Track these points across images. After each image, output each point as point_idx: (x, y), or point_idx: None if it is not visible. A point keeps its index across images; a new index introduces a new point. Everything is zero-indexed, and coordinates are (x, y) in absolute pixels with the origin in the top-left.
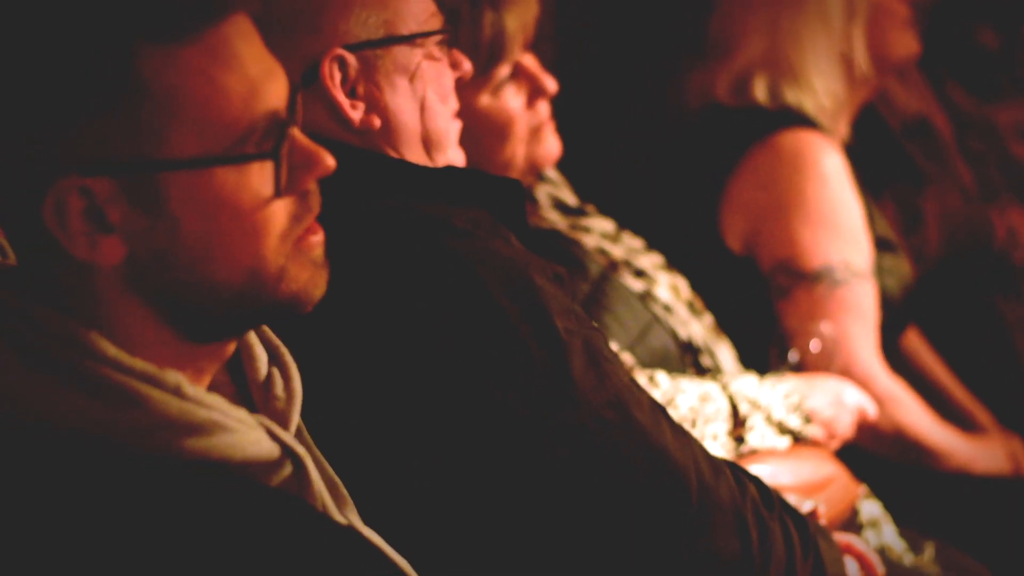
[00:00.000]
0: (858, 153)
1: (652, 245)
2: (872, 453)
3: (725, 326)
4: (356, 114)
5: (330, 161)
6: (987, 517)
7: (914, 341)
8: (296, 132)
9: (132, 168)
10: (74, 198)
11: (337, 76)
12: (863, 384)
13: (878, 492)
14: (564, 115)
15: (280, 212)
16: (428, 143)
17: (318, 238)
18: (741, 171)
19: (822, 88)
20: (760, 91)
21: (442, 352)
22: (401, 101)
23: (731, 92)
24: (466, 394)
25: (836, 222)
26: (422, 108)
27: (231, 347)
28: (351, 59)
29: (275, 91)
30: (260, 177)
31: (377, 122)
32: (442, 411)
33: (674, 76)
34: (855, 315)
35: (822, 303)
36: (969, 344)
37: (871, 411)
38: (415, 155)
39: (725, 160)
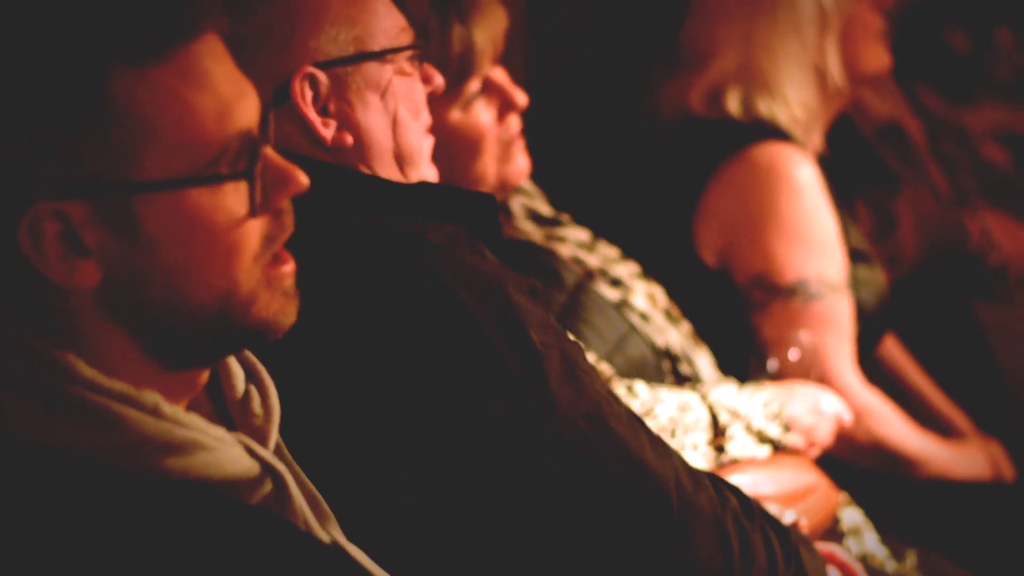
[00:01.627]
0: (831, 159)
1: (627, 254)
2: (852, 464)
3: (703, 334)
4: (328, 132)
5: (303, 179)
6: (968, 523)
7: (891, 347)
8: (269, 151)
9: (106, 191)
10: (49, 222)
11: (308, 94)
12: (840, 397)
13: (859, 499)
14: (537, 125)
15: (254, 232)
16: (401, 159)
17: (288, 268)
18: (715, 185)
19: (795, 100)
20: (733, 103)
21: (419, 369)
22: (373, 117)
23: (704, 103)
24: (445, 410)
25: (810, 236)
26: (394, 124)
27: (205, 375)
28: (322, 76)
29: (247, 110)
30: (234, 197)
31: (349, 139)
32: (422, 427)
33: (647, 86)
34: (831, 328)
35: (798, 317)
36: (946, 348)
37: (847, 419)
38: (388, 171)
39: (698, 174)
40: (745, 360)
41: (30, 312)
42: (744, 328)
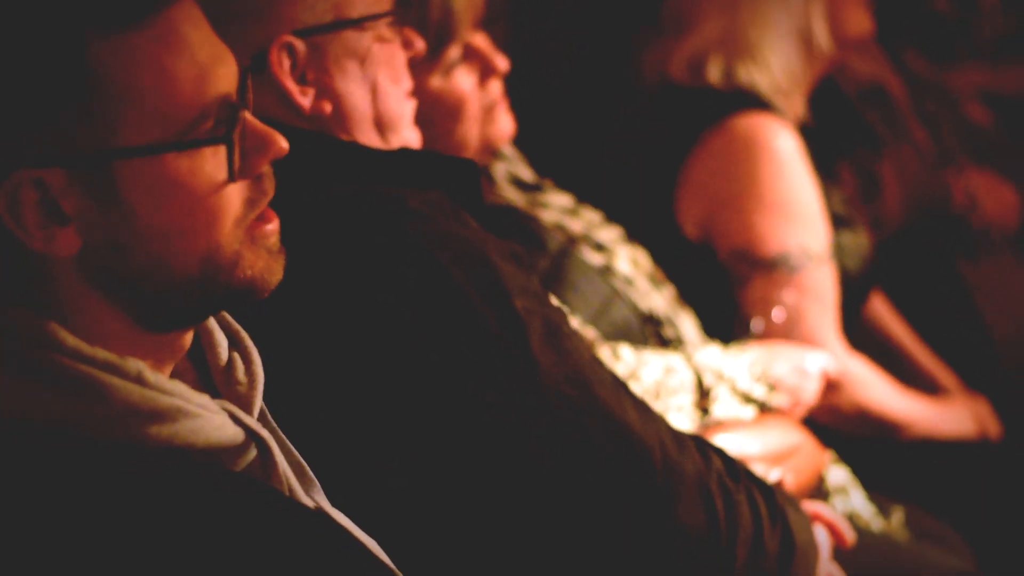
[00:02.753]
0: (815, 123)
1: (610, 218)
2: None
3: (687, 297)
4: (306, 100)
5: (283, 143)
6: (954, 480)
7: (877, 306)
8: (248, 115)
9: (85, 158)
10: (28, 190)
11: (286, 63)
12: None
13: (845, 458)
14: (520, 91)
15: (234, 196)
16: (381, 126)
17: (273, 226)
18: (696, 157)
19: (778, 66)
20: (715, 70)
21: (402, 336)
22: (352, 85)
23: (686, 71)
24: (428, 376)
25: (791, 207)
26: (374, 91)
27: (189, 337)
28: (300, 45)
29: (225, 75)
30: (213, 162)
31: (328, 108)
32: (406, 392)
33: (631, 52)
34: (814, 299)
35: (780, 289)
36: (932, 307)
37: (832, 370)
38: (368, 138)
39: (680, 145)
40: (729, 323)
41: (11, 281)
42: (727, 294)
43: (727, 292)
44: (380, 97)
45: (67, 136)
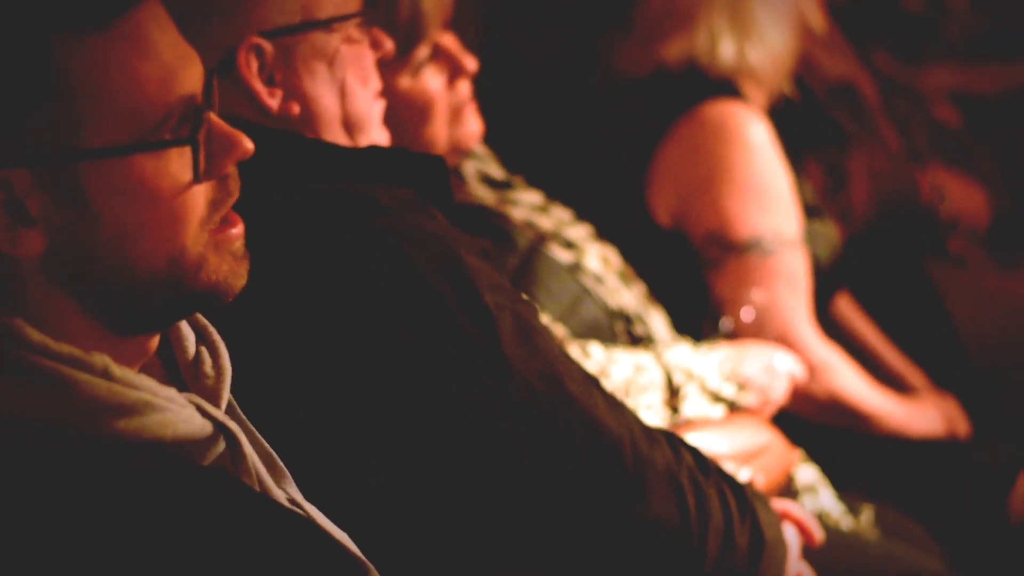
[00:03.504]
0: (783, 117)
1: (581, 216)
2: (808, 420)
3: (657, 295)
4: (274, 102)
5: (248, 144)
6: (923, 479)
7: (845, 305)
8: (213, 117)
9: (50, 159)
10: None
11: (254, 64)
12: (797, 352)
13: (814, 457)
14: (491, 89)
15: (200, 198)
16: (350, 126)
17: (238, 230)
18: (667, 145)
19: (778, 43)
20: (716, 52)
21: (372, 331)
22: (320, 86)
23: (676, 58)
24: (397, 372)
25: (764, 192)
26: (342, 92)
27: (156, 339)
28: (267, 46)
29: (191, 77)
30: (179, 163)
31: (296, 109)
32: (376, 387)
33: (600, 47)
34: (787, 283)
35: (753, 273)
36: (899, 304)
37: (801, 375)
38: (337, 139)
39: (651, 134)
40: (699, 321)
41: None
42: (698, 289)
43: (699, 286)
44: (348, 98)
45: (32, 137)
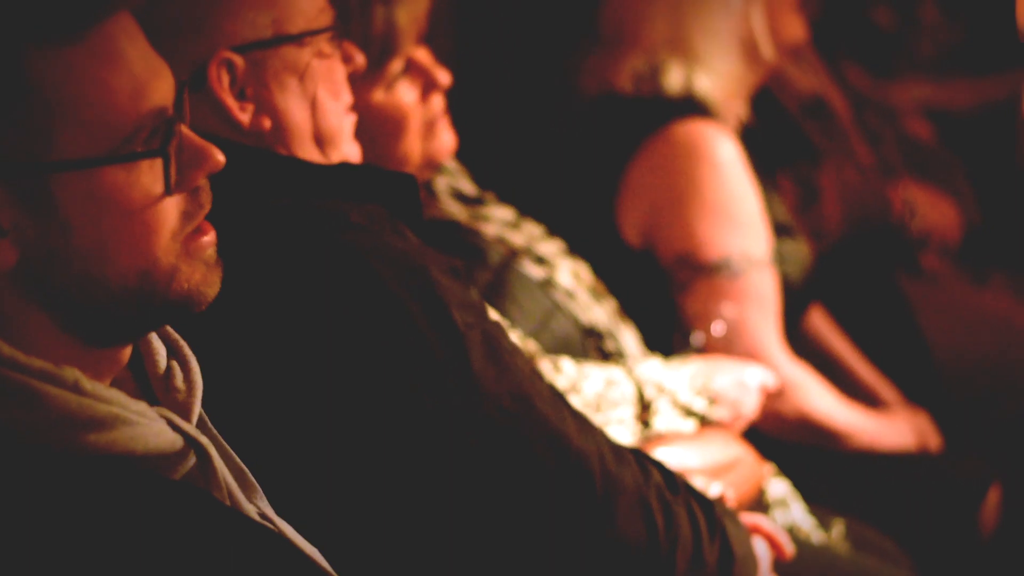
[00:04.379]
0: (755, 132)
1: (552, 232)
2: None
3: (628, 310)
4: (245, 116)
5: (219, 156)
6: (895, 493)
7: (817, 319)
8: (184, 129)
9: (21, 171)
10: None
11: (225, 79)
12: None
13: (785, 471)
14: (462, 104)
15: (171, 210)
16: (321, 141)
17: (209, 238)
18: (636, 164)
19: (724, 71)
20: (664, 76)
21: (340, 349)
22: (291, 101)
23: (633, 79)
24: (367, 390)
25: (733, 212)
26: (313, 106)
27: (128, 351)
28: (239, 60)
29: (162, 89)
30: (150, 175)
31: (267, 123)
32: (345, 407)
33: (571, 64)
34: (756, 304)
35: (722, 294)
36: (871, 319)
37: (773, 386)
38: (308, 153)
39: (620, 153)
40: (670, 336)
41: None
42: (668, 306)
43: (669, 303)
44: (320, 112)
45: (2, 149)
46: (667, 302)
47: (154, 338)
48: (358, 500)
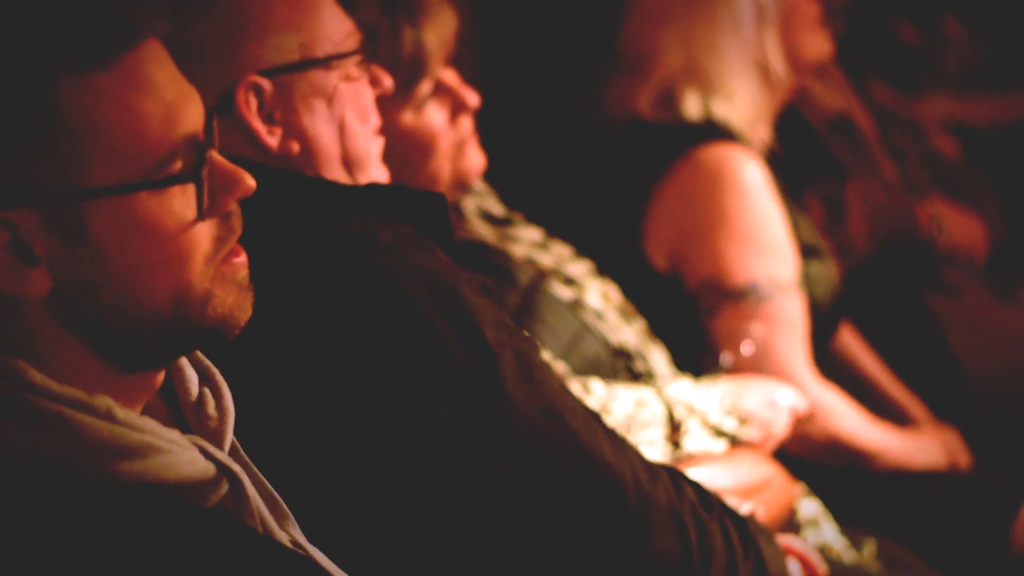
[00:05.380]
0: (780, 153)
1: (581, 252)
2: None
3: (657, 331)
4: (273, 140)
5: (250, 181)
6: (925, 512)
7: (846, 337)
8: (215, 154)
9: (54, 199)
10: None
11: (253, 103)
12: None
13: (816, 491)
14: (488, 125)
15: (203, 235)
16: (349, 164)
17: (242, 260)
18: (663, 189)
19: (742, 95)
20: (681, 104)
21: (374, 370)
22: (319, 124)
23: (650, 105)
24: (401, 410)
25: (759, 237)
26: (341, 130)
27: (161, 375)
28: (266, 84)
29: (192, 114)
30: (182, 201)
31: (296, 147)
32: (378, 428)
33: (595, 87)
34: (783, 328)
35: (749, 319)
36: (900, 336)
37: (803, 409)
38: (336, 177)
39: (646, 179)
40: (699, 357)
41: None
42: (697, 326)
43: (697, 324)
44: (348, 135)
45: (36, 176)
46: (695, 323)
47: (186, 365)
48: (389, 525)
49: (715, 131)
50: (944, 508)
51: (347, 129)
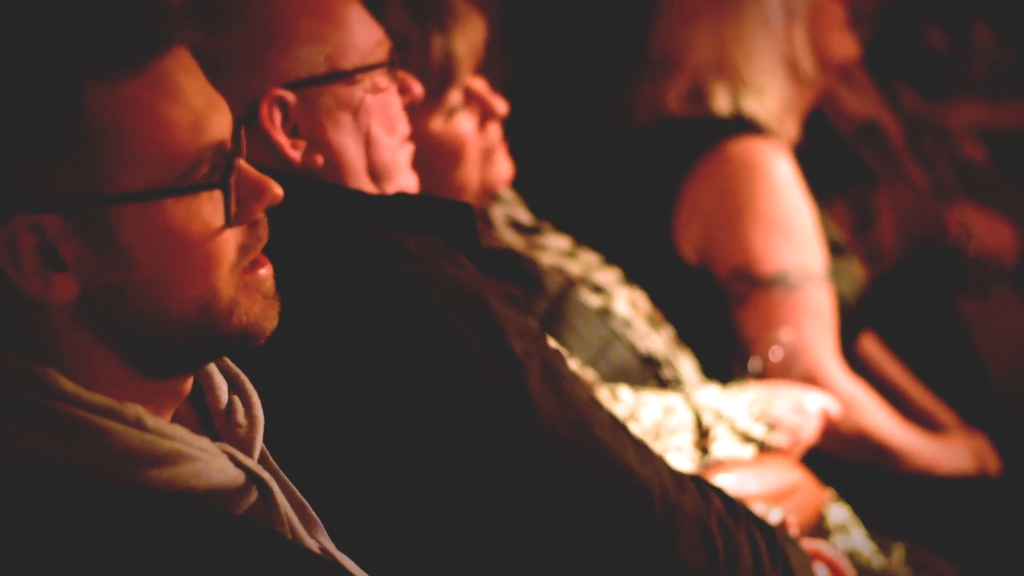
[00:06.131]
0: (808, 157)
1: (609, 260)
2: (837, 457)
3: (685, 337)
4: (296, 153)
5: (278, 190)
6: (954, 517)
7: (870, 345)
8: (243, 163)
9: (82, 203)
10: (26, 236)
11: (277, 117)
12: (824, 388)
13: (845, 496)
14: (516, 133)
15: (230, 242)
16: (375, 175)
17: (267, 271)
18: (692, 182)
19: (771, 91)
20: (712, 99)
21: (399, 378)
22: (344, 137)
23: (681, 102)
24: (427, 419)
25: (789, 227)
26: (367, 142)
27: (189, 383)
28: (291, 97)
29: (220, 122)
30: (209, 207)
31: (320, 160)
32: (405, 436)
33: (622, 89)
34: (812, 318)
35: (779, 308)
36: (928, 342)
37: (834, 410)
38: (362, 188)
39: (676, 172)
40: (728, 363)
41: (9, 329)
42: (726, 329)
43: (727, 327)
44: (373, 147)
45: (65, 181)
46: (725, 326)
47: (215, 372)
48: (417, 532)
49: (745, 125)
50: (972, 513)
51: (373, 141)
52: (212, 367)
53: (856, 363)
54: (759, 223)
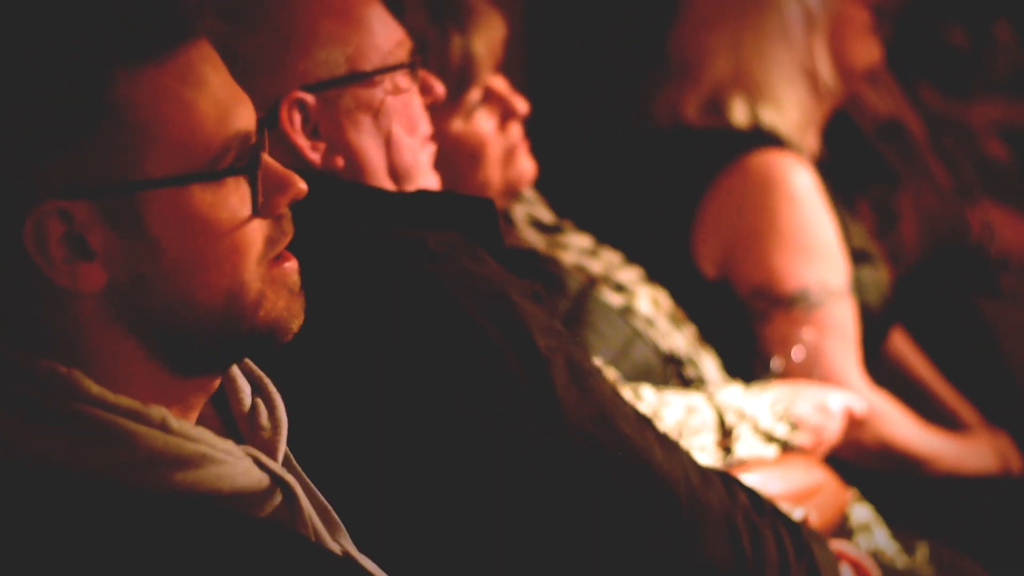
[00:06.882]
0: (831, 158)
1: (631, 260)
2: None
3: (708, 337)
4: (316, 156)
5: (302, 184)
6: (978, 515)
7: (898, 341)
8: (267, 157)
9: (110, 190)
10: (54, 223)
11: (297, 119)
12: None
13: (868, 496)
14: (537, 132)
15: (257, 233)
16: (396, 176)
17: (293, 265)
18: (712, 196)
19: (790, 103)
20: (730, 110)
21: (425, 375)
22: (365, 138)
23: (698, 112)
24: (452, 416)
25: (809, 243)
26: (387, 143)
27: (215, 383)
28: (311, 99)
29: (244, 115)
30: (237, 197)
31: (340, 162)
32: (430, 435)
33: (643, 93)
34: (835, 335)
35: (801, 326)
36: (951, 341)
37: (859, 409)
38: (383, 188)
39: (695, 185)
40: (750, 362)
41: (35, 323)
42: (748, 332)
43: (747, 331)
44: (394, 148)
45: (93, 168)
46: (746, 329)
47: (238, 375)
48: (442, 536)
49: (764, 138)
50: (996, 512)
51: (393, 142)
52: (235, 370)
53: (882, 362)
54: (780, 241)
